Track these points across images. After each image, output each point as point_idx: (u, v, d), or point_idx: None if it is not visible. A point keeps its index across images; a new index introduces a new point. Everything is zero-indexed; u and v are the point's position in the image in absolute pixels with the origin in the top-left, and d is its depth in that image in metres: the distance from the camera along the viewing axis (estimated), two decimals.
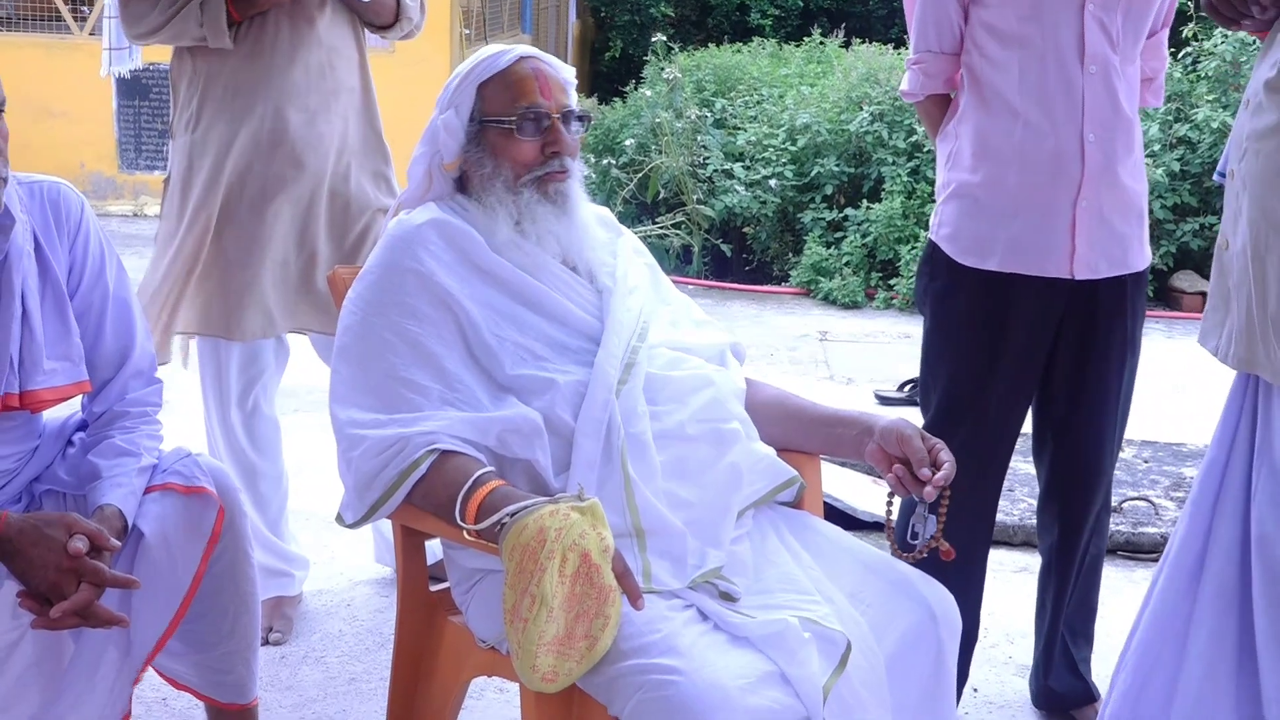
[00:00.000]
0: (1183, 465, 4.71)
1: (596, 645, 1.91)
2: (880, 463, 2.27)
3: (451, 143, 2.35)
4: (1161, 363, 6.42)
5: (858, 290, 7.42)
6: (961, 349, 2.91)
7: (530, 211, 2.31)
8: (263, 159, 3.17)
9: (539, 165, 2.32)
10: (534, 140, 2.32)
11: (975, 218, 2.86)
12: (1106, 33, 2.78)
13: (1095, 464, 3.01)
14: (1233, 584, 2.27)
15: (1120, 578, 3.89)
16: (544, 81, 2.34)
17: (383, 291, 2.25)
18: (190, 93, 3.23)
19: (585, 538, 1.92)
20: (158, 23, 3.15)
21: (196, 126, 3.21)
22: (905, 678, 2.13)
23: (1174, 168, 7.44)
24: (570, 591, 1.90)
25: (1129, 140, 2.85)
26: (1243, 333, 2.22)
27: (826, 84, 8.60)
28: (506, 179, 2.32)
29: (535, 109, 2.31)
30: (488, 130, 2.33)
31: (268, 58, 3.16)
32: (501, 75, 2.34)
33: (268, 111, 3.17)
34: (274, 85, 3.17)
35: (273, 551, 3.34)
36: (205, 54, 3.19)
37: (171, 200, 3.26)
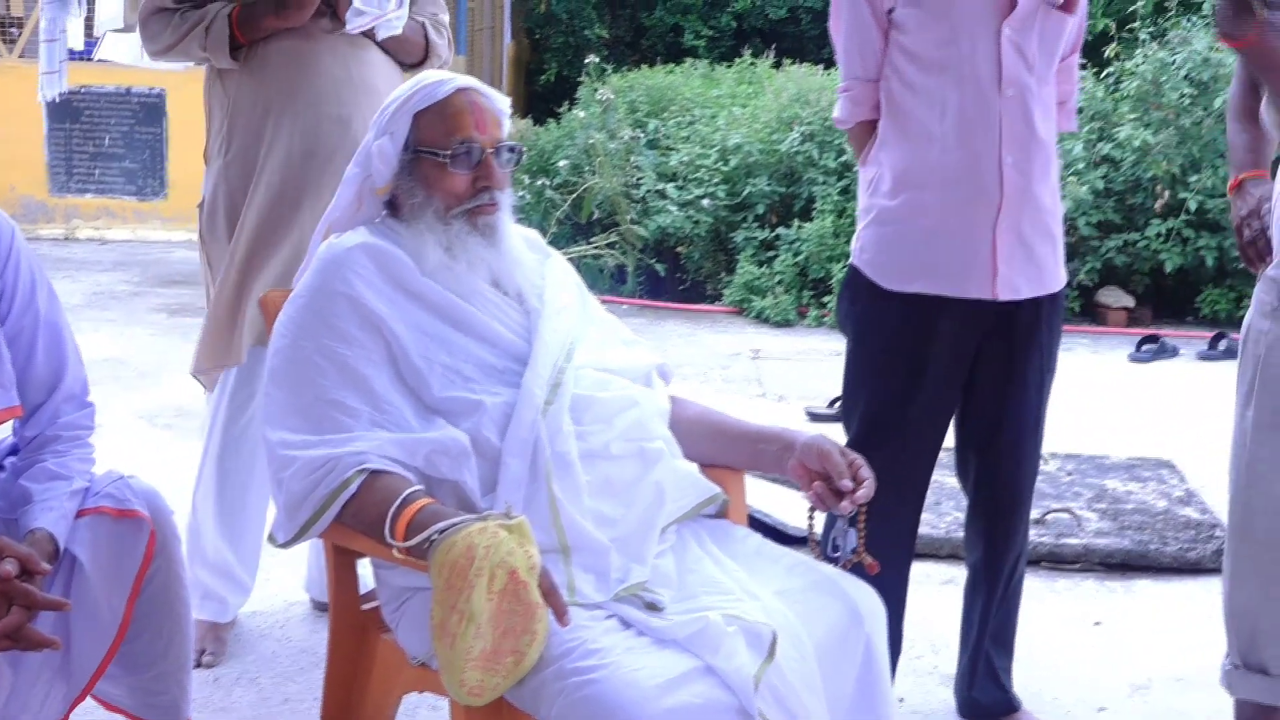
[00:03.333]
0: (1105, 477, 4.81)
1: (523, 660, 1.96)
2: (801, 478, 2.32)
3: (385, 169, 2.39)
4: (1087, 377, 6.54)
5: (790, 309, 7.50)
6: (885, 370, 2.97)
7: (460, 241, 2.35)
8: (295, 172, 3.19)
9: (469, 198, 2.36)
10: (466, 174, 2.36)
11: (897, 242, 2.91)
12: (1023, 56, 2.85)
13: (1018, 479, 3.09)
14: None
15: (1043, 588, 3.98)
16: (479, 115, 2.38)
17: (313, 314, 2.29)
18: (222, 117, 3.28)
19: (513, 555, 1.96)
20: (170, 41, 3.22)
21: (229, 149, 3.26)
22: (836, 672, 2.17)
23: (1098, 186, 7.59)
24: (498, 608, 1.94)
25: (1045, 162, 2.92)
26: None
27: (758, 105, 8.70)
28: (437, 209, 2.35)
29: (469, 143, 2.35)
30: (421, 160, 2.37)
31: (291, 71, 3.20)
32: (438, 106, 2.38)
33: (298, 125, 3.20)
34: (301, 97, 3.20)
35: (223, 575, 3.36)
36: (233, 77, 3.24)
37: (212, 224, 3.32)
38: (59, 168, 9.17)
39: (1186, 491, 4.67)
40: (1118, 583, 4.07)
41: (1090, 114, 7.86)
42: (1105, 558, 4.16)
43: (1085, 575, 4.11)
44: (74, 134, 9.13)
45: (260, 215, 3.22)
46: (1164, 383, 6.53)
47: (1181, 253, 7.54)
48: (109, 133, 9.19)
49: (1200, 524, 4.34)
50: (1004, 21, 2.81)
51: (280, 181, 3.21)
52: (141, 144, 9.21)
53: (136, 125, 9.18)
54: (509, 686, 1.97)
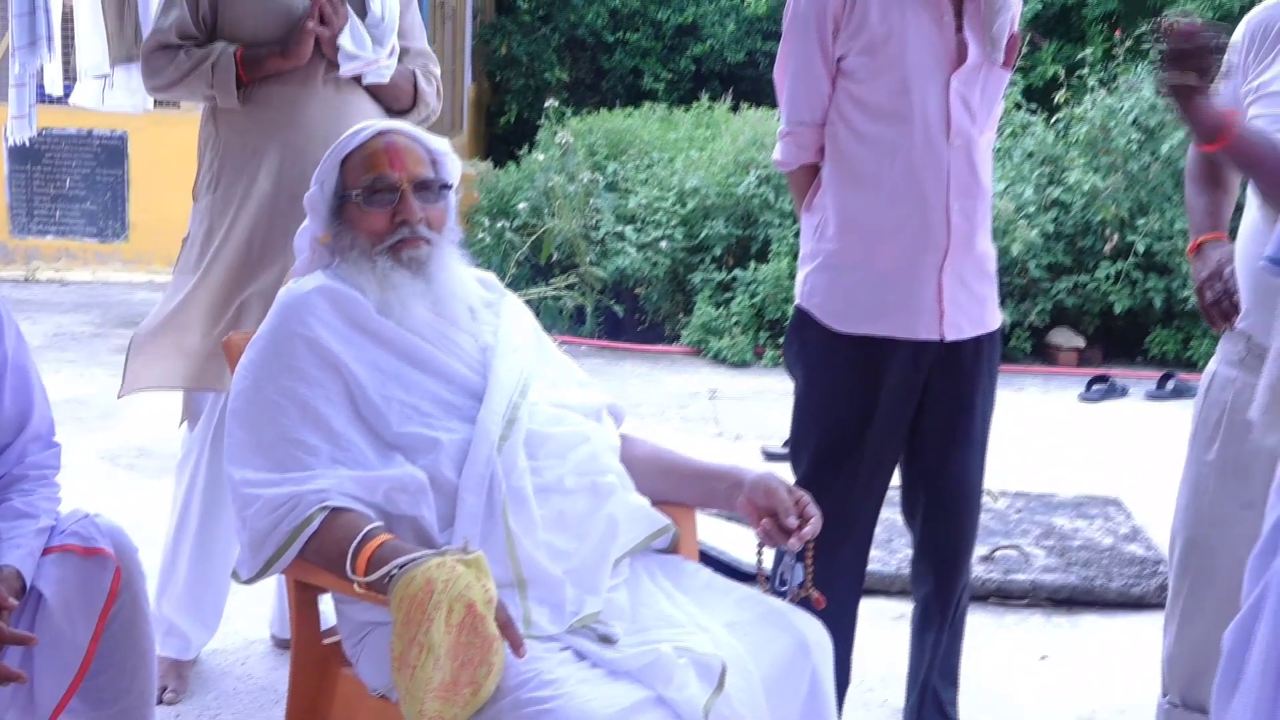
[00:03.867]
0: (1053, 515, 4.91)
1: (480, 691, 2.02)
2: (750, 515, 2.40)
3: (318, 216, 2.48)
4: (1038, 416, 6.66)
5: (746, 349, 7.60)
6: (835, 410, 3.04)
7: (388, 279, 2.42)
8: (280, 212, 3.26)
9: (390, 234, 2.44)
10: (383, 210, 2.44)
11: (847, 286, 2.99)
12: (968, 108, 2.94)
13: (966, 513, 3.17)
14: None
15: (991, 623, 4.07)
16: (395, 154, 2.46)
17: (273, 356, 2.36)
18: (213, 155, 3.37)
19: (470, 589, 2.03)
20: (173, 78, 3.29)
21: (217, 187, 3.34)
22: (783, 702, 2.24)
23: (1049, 229, 7.72)
24: (455, 640, 2.01)
25: (986, 209, 3.03)
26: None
27: (715, 148, 8.81)
28: (362, 248, 2.44)
29: (381, 180, 2.43)
30: (345, 204, 2.46)
31: (283, 114, 3.28)
32: (358, 150, 2.47)
33: (284, 167, 3.27)
34: (290, 141, 3.28)
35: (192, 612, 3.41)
36: (226, 116, 3.32)
37: (188, 255, 3.38)
38: (20, 209, 9.20)
39: (1132, 528, 4.78)
40: (1064, 618, 4.17)
41: (1040, 158, 8.01)
42: (1052, 593, 4.25)
43: (1032, 610, 4.20)
44: (35, 176, 9.16)
45: (238, 251, 3.29)
46: (1113, 422, 6.65)
47: (1130, 294, 7.68)
48: (70, 175, 9.22)
49: (1145, 560, 4.44)
50: (952, 74, 2.92)
51: (262, 221, 3.28)
52: (103, 186, 9.25)
53: (98, 167, 9.22)
54: (467, 717, 2.03)
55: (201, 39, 3.32)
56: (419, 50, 3.53)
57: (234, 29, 3.31)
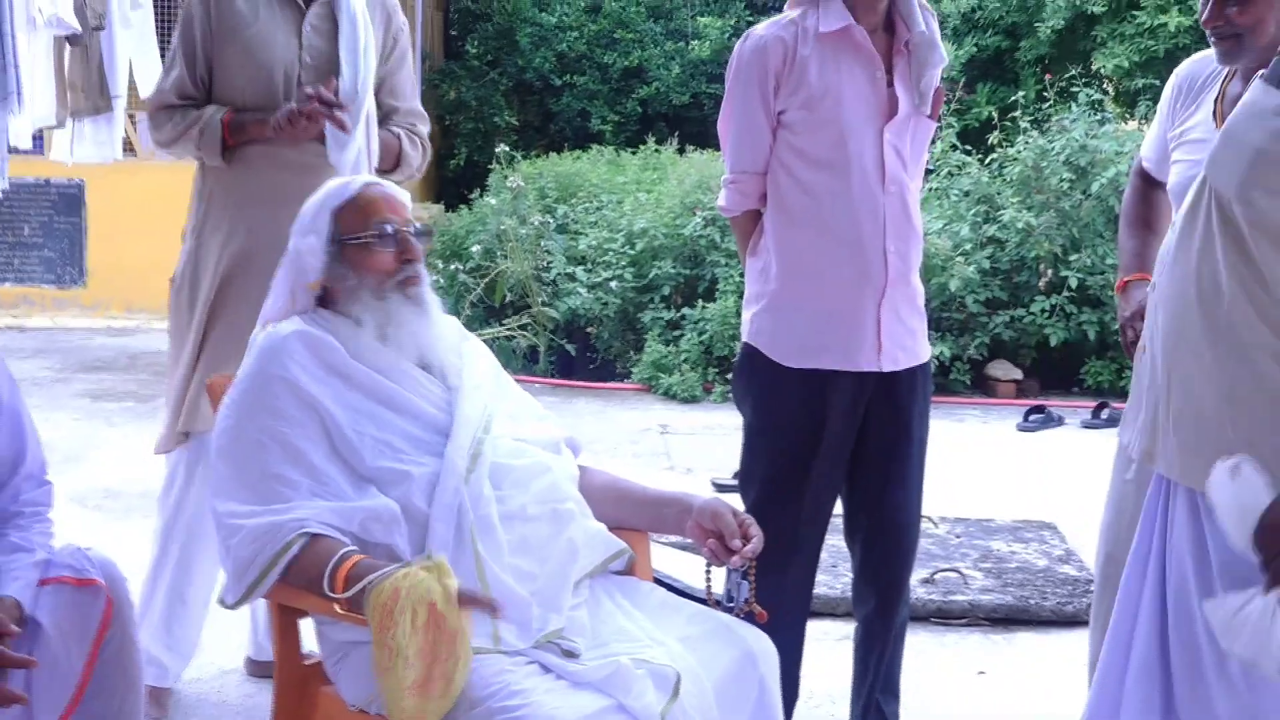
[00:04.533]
0: (991, 539, 5.13)
1: (453, 683, 2.22)
2: (697, 536, 2.61)
3: (315, 264, 2.67)
4: (977, 446, 6.89)
5: (695, 385, 7.81)
6: (783, 441, 3.24)
7: (396, 315, 2.63)
8: (258, 266, 3.37)
9: (398, 271, 2.65)
10: (390, 250, 2.65)
11: (793, 323, 3.20)
12: (900, 157, 3.18)
13: (906, 535, 3.38)
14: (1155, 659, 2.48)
15: (933, 642, 4.28)
16: (391, 202, 2.69)
17: (254, 397, 2.54)
18: (200, 203, 3.58)
19: (431, 591, 2.22)
20: (171, 136, 3.54)
21: (202, 231, 3.55)
22: (734, 708, 2.44)
23: (985, 265, 7.97)
24: (423, 641, 2.20)
25: (919, 248, 3.27)
26: (1148, 428, 2.46)
27: (662, 190, 9.04)
28: (371, 287, 2.64)
29: (388, 224, 2.65)
30: (347, 248, 2.65)
31: (266, 171, 3.48)
32: (353, 201, 2.68)
33: (265, 214, 3.43)
34: (271, 196, 3.44)
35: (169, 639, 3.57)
36: (214, 169, 3.53)
37: (178, 299, 3.58)
38: None
39: (1066, 551, 5.01)
40: (1001, 635, 4.39)
41: (976, 198, 8.27)
42: (989, 612, 4.47)
43: (971, 629, 4.42)
44: None
45: (217, 302, 3.49)
46: (1049, 450, 6.90)
47: (1065, 327, 7.94)
48: (28, 223, 9.36)
49: (1077, 580, 4.67)
50: (885, 126, 3.15)
51: (240, 271, 3.46)
52: (61, 234, 9.39)
53: (56, 215, 9.36)
54: (444, 710, 2.22)
55: (200, 98, 3.53)
56: (408, 109, 3.71)
57: (225, 90, 3.51)
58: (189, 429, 3.50)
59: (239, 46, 3.50)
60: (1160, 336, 2.39)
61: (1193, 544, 2.35)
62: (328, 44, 3.52)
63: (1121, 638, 2.51)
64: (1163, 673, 2.43)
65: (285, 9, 3.53)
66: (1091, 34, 10.11)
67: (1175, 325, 2.34)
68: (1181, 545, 2.37)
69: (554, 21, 14.11)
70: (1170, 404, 2.37)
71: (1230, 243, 2.22)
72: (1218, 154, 2.25)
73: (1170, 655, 2.41)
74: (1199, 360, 2.29)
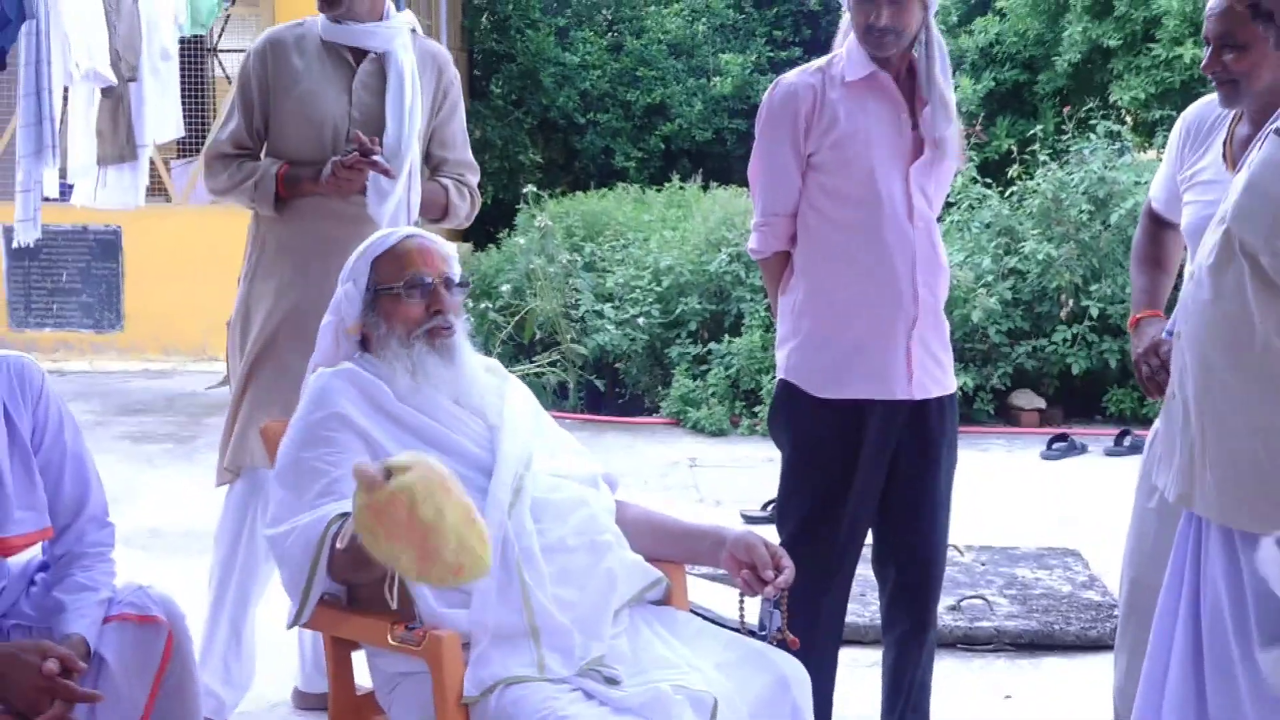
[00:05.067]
0: (1015, 567, 5.23)
1: (474, 518, 2.32)
2: (731, 568, 2.73)
3: (352, 310, 2.81)
4: (1002, 474, 6.99)
5: (723, 419, 7.93)
6: (822, 473, 3.38)
7: (421, 363, 2.77)
8: (305, 314, 3.53)
9: (426, 321, 2.79)
10: (419, 302, 2.79)
11: (829, 357, 3.35)
12: (925, 196, 3.34)
13: (934, 563, 3.49)
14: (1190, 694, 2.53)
15: (960, 667, 4.38)
16: (426, 254, 2.83)
17: (310, 432, 2.68)
18: (254, 249, 3.74)
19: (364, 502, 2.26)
20: (226, 186, 3.70)
21: (255, 278, 3.71)
22: None
23: (1007, 296, 8.07)
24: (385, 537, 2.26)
25: (946, 282, 3.43)
26: (1184, 471, 2.51)
27: (687, 228, 9.18)
28: (399, 336, 2.78)
29: (419, 276, 2.79)
30: (381, 297, 2.80)
31: (318, 223, 3.63)
32: (390, 251, 2.83)
33: (314, 264, 3.59)
34: (322, 247, 3.60)
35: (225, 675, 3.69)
36: (267, 218, 3.68)
37: (233, 339, 3.76)
38: (18, 303, 9.52)
39: (1089, 576, 5.11)
40: (1026, 660, 4.49)
41: (997, 230, 8.38)
42: (1015, 638, 4.57)
43: (997, 655, 4.52)
44: (32, 270, 9.49)
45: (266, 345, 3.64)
46: (1073, 478, 6.99)
47: (1087, 356, 8.03)
48: (66, 269, 9.56)
49: (1101, 605, 4.77)
50: (910, 165, 3.30)
51: (288, 318, 3.61)
52: (98, 279, 9.59)
53: (93, 261, 9.56)
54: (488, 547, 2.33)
55: (254, 149, 3.70)
56: (457, 160, 3.85)
57: (278, 142, 3.68)
58: (236, 465, 3.64)
59: (292, 101, 3.66)
60: (1191, 382, 2.45)
61: (1228, 581, 2.41)
62: (376, 100, 3.66)
63: (1156, 674, 2.58)
64: (1198, 706, 2.49)
65: (338, 66, 3.69)
66: (1108, 66, 10.23)
67: (1206, 371, 2.40)
68: (1217, 582, 2.43)
69: (577, 61, 14.31)
70: (1205, 447, 2.42)
71: (1261, 290, 2.29)
72: (1243, 207, 2.32)
73: (1205, 689, 2.47)
74: (1233, 403, 2.36)
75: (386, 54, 3.68)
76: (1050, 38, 10.50)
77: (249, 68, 3.72)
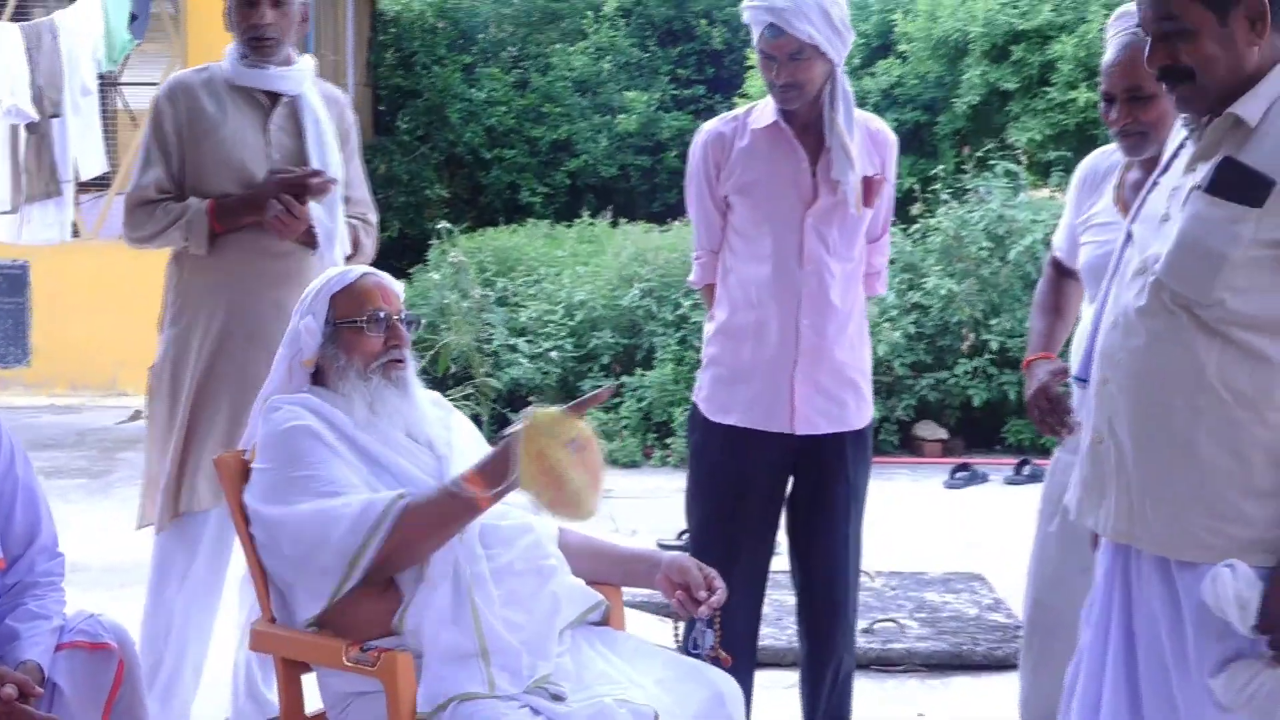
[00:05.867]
0: (924, 591, 5.43)
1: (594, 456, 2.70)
2: (666, 589, 2.87)
3: (311, 343, 2.92)
4: (908, 502, 7.20)
5: (636, 450, 8.07)
6: (713, 491, 3.60)
7: (379, 394, 2.88)
8: (239, 348, 3.62)
9: (383, 355, 2.91)
10: (378, 335, 2.91)
11: (722, 383, 3.58)
12: (824, 241, 3.50)
13: (833, 591, 3.65)
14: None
15: (874, 686, 4.56)
16: (384, 291, 2.96)
17: (283, 449, 2.78)
18: (177, 293, 3.75)
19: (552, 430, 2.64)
20: (152, 231, 3.68)
21: (180, 320, 3.72)
22: None
23: (910, 330, 8.31)
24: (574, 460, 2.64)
25: (841, 324, 3.57)
26: (1122, 512, 2.52)
27: (599, 263, 9.34)
28: (358, 368, 2.89)
29: (380, 311, 2.92)
30: (341, 330, 2.91)
31: (243, 258, 3.66)
32: (350, 287, 2.94)
33: (239, 305, 3.65)
34: (243, 284, 3.66)
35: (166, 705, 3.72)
36: (189, 258, 3.69)
37: (159, 388, 3.75)
38: None
39: (994, 600, 5.32)
40: (937, 680, 4.68)
41: (901, 266, 8.61)
42: (926, 659, 4.77)
43: (909, 675, 4.71)
44: None
45: (202, 385, 3.67)
46: (975, 505, 7.22)
47: (987, 388, 8.28)
48: None
49: (1006, 626, 4.97)
50: (807, 212, 3.47)
51: (222, 354, 3.67)
52: (4, 313, 9.51)
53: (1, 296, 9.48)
54: None
55: (176, 193, 3.70)
56: (359, 199, 3.93)
57: (200, 186, 3.70)
58: (188, 509, 3.68)
59: (210, 146, 3.68)
60: (1126, 426, 2.51)
61: (1165, 608, 2.49)
62: (293, 141, 3.74)
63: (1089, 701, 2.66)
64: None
65: (252, 109, 3.74)
66: (1005, 109, 10.55)
67: (1146, 415, 2.47)
68: (1153, 610, 2.52)
69: (483, 97, 14.43)
70: (1148, 487, 2.48)
71: (1199, 333, 2.39)
72: (1176, 262, 2.40)
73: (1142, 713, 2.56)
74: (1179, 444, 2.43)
75: (298, 97, 3.76)
76: (950, 80, 10.82)
77: (161, 113, 3.72)
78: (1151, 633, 2.53)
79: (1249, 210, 2.34)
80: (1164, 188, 2.54)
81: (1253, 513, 2.39)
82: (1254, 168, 2.35)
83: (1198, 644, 2.44)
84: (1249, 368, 2.37)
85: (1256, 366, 2.37)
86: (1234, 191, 2.36)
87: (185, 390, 3.71)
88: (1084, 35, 9.96)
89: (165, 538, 3.75)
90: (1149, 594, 2.53)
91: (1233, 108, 2.39)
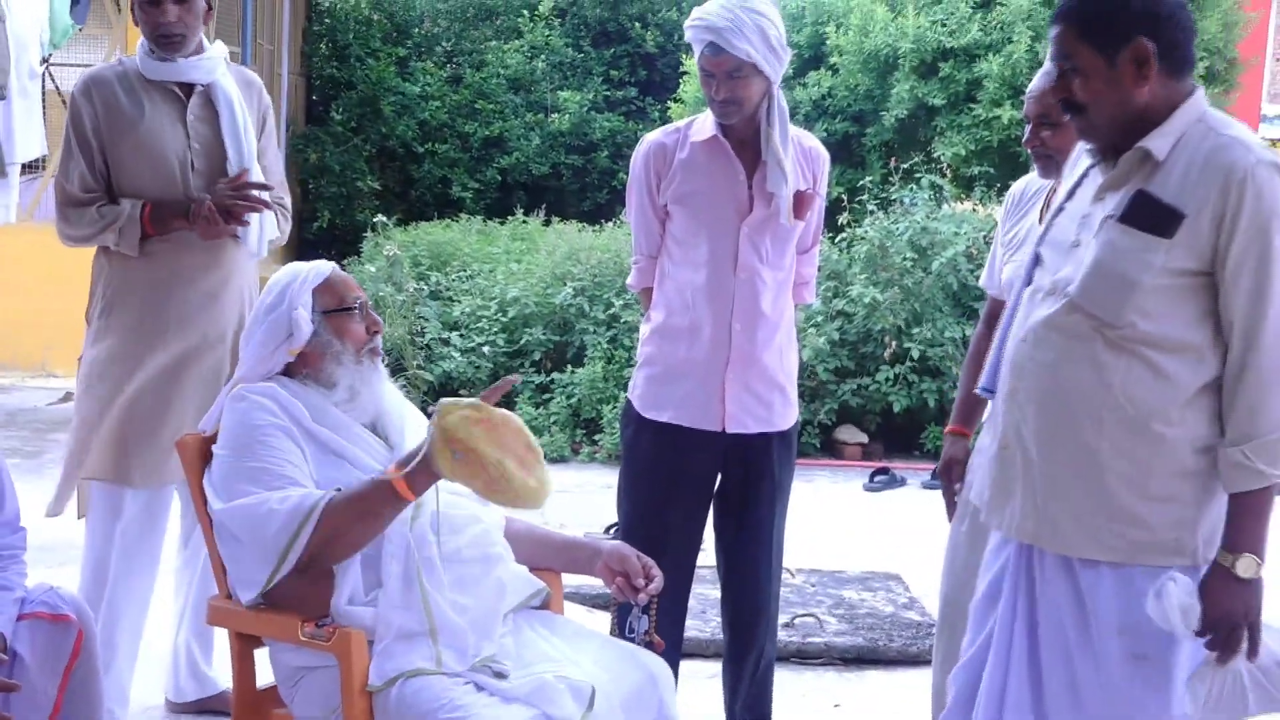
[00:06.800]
0: (843, 588, 5.62)
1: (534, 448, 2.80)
2: (606, 577, 3.04)
3: (305, 331, 3.03)
4: (828, 504, 7.40)
5: (564, 446, 8.22)
6: (644, 485, 3.77)
7: (366, 376, 3.05)
8: (172, 337, 3.73)
9: (369, 340, 3.08)
10: (363, 322, 3.08)
11: (656, 382, 3.75)
12: (757, 250, 3.67)
13: (756, 584, 3.84)
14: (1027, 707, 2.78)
15: (793, 678, 4.74)
16: (352, 284, 3.14)
17: (241, 436, 2.91)
18: (105, 287, 3.82)
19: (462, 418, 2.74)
20: (86, 233, 3.75)
21: (110, 314, 3.80)
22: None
23: (834, 337, 8.49)
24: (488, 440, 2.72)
25: (770, 330, 3.74)
26: (1028, 513, 2.70)
27: (532, 260, 9.48)
28: (351, 353, 3.05)
29: (361, 299, 3.09)
30: (331, 318, 3.05)
31: (172, 254, 3.75)
32: (328, 281, 3.09)
33: (168, 298, 3.74)
34: (173, 276, 3.75)
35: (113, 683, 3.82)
36: (119, 254, 3.76)
37: (88, 379, 3.81)
38: None
39: (910, 598, 5.53)
40: (853, 673, 4.87)
41: (827, 273, 8.81)
42: (843, 653, 4.96)
43: (827, 668, 4.90)
44: None
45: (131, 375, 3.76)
46: (893, 508, 7.44)
47: (908, 395, 8.49)
48: None
49: (920, 624, 5.18)
50: (743, 222, 3.64)
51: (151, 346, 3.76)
52: None
53: None
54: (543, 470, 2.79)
55: (101, 190, 3.77)
56: (275, 183, 3.98)
57: (126, 182, 3.77)
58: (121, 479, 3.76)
59: (131, 141, 3.76)
60: (1032, 433, 2.66)
61: (1069, 599, 2.68)
62: (211, 130, 3.83)
63: (994, 689, 2.82)
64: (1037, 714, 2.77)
65: (168, 101, 3.82)
66: (932, 123, 10.80)
67: (1055, 425, 2.64)
68: (1057, 601, 2.70)
69: (417, 91, 14.53)
70: (1054, 492, 2.65)
71: (1107, 350, 2.58)
72: (1090, 286, 2.59)
73: (1045, 704, 2.73)
74: (1086, 452, 2.62)
75: (212, 85, 3.84)
76: (879, 94, 11.04)
77: (79, 110, 3.78)
78: (1055, 625, 2.71)
79: (1160, 240, 2.54)
80: (1071, 213, 2.73)
81: (1150, 517, 2.61)
82: (1164, 200, 2.55)
83: (1101, 636, 2.65)
84: (1151, 383, 2.58)
85: (1158, 382, 2.58)
86: (1146, 222, 2.56)
87: (115, 380, 3.78)
88: (1009, 55, 10.23)
89: (93, 519, 3.83)
90: (1053, 590, 2.72)
91: (1143, 142, 2.59)
